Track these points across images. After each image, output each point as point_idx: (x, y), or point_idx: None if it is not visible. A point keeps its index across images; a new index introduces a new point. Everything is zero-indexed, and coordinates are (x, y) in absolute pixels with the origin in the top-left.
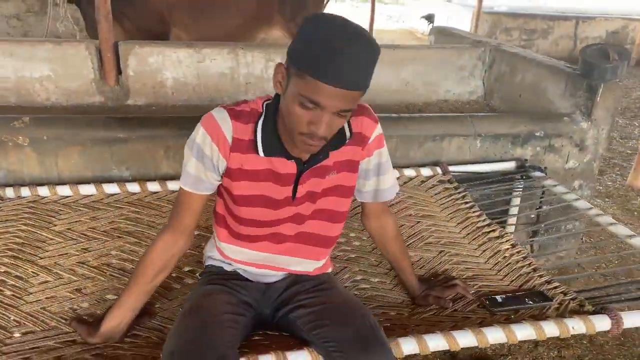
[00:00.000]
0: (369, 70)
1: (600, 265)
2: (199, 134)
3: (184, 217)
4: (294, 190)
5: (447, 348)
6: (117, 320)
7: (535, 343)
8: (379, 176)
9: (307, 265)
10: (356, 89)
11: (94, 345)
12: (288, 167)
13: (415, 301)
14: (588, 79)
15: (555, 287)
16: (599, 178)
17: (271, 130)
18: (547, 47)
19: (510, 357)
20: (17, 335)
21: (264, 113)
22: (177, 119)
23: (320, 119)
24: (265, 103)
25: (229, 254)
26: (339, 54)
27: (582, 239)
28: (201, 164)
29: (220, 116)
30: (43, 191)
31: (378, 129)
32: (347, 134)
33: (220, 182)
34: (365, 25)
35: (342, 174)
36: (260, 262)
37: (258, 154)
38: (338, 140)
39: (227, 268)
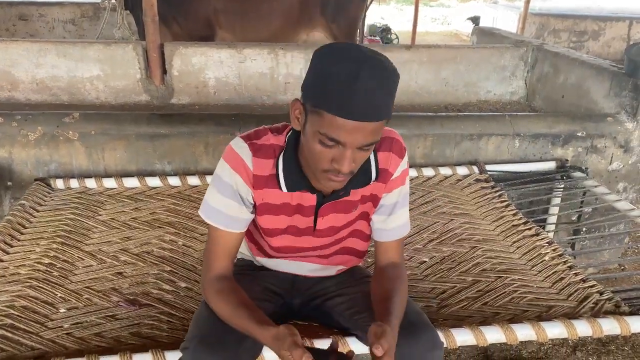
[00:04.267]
0: (390, 97)
1: None
2: (225, 171)
3: (221, 254)
4: (315, 221)
5: (475, 343)
6: (273, 339)
7: (574, 347)
8: (390, 215)
9: (332, 270)
10: (376, 120)
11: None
12: (309, 199)
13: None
14: (634, 78)
15: (591, 286)
16: None
17: (294, 166)
18: (598, 49)
19: None
20: (62, 310)
21: (285, 147)
22: (215, 117)
23: (343, 155)
24: (288, 136)
25: (260, 262)
26: (354, 86)
27: (627, 242)
28: (234, 202)
29: (242, 151)
30: (90, 183)
31: (403, 164)
32: (374, 174)
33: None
34: (409, 27)
35: (367, 203)
36: (286, 270)
37: (280, 189)
38: (363, 179)
39: (257, 263)
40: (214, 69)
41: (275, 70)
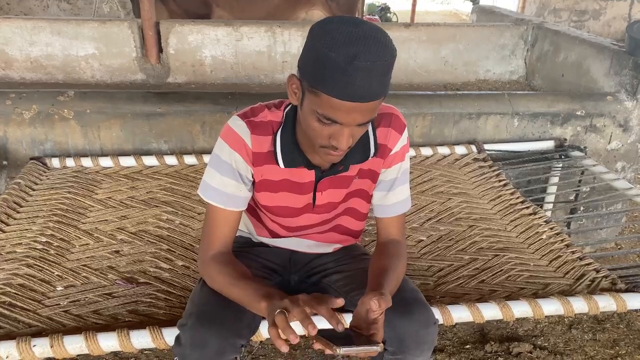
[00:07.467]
0: (387, 76)
1: (638, 245)
2: (224, 150)
3: (220, 232)
4: (314, 198)
5: (471, 320)
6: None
7: (569, 325)
8: (389, 192)
9: (329, 247)
10: (374, 99)
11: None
12: (308, 175)
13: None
14: (634, 56)
15: (588, 264)
16: None
17: (291, 141)
18: (598, 28)
19: (542, 338)
20: (59, 288)
21: (283, 123)
22: (212, 95)
23: (341, 133)
24: (285, 112)
25: (259, 238)
26: (352, 68)
27: (624, 221)
28: (233, 180)
29: (240, 130)
30: (86, 162)
31: (402, 140)
32: (372, 149)
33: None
34: (408, 6)
35: (364, 180)
36: (284, 246)
37: (278, 165)
38: (362, 154)
39: (254, 240)
40: (210, 47)
41: (273, 48)
